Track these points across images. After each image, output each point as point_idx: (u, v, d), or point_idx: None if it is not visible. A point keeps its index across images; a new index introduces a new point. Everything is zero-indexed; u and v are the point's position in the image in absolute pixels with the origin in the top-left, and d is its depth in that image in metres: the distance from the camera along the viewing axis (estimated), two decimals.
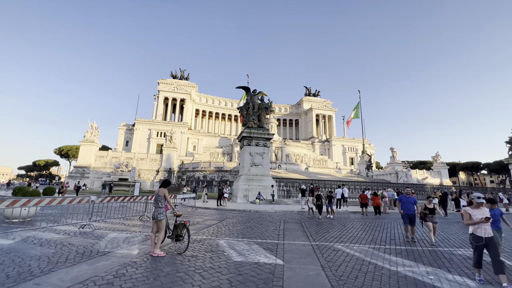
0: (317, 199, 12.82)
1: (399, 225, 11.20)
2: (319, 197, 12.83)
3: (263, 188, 22.23)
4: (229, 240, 6.88)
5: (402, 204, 8.25)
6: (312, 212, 13.36)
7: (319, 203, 12.66)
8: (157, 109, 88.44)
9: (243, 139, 24.31)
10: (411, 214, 8.00)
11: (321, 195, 12.90)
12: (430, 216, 7.61)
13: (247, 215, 13.32)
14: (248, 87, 26.52)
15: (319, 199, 12.76)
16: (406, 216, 8.03)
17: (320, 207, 12.64)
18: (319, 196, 12.85)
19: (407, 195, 8.37)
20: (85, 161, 55.58)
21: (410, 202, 8.15)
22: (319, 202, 12.67)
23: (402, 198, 8.41)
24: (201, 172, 53.24)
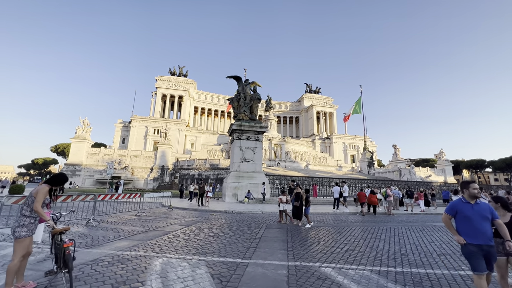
0: (296, 199, 10.00)
1: (408, 230, 9.12)
2: (298, 196, 9.97)
3: (254, 186, 20.22)
4: (171, 258, 4.85)
5: (462, 222, 3.42)
6: (285, 217, 10.36)
7: (296, 204, 9.87)
8: (154, 106, 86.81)
9: (233, 132, 22.28)
10: (487, 246, 3.19)
11: (300, 194, 9.98)
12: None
13: (226, 218, 11.31)
14: (239, 76, 24.39)
15: (298, 199, 9.92)
16: (476, 251, 3.19)
17: (299, 210, 9.86)
18: (298, 196, 9.98)
19: (473, 199, 3.42)
20: (77, 158, 53.87)
21: (481, 216, 3.29)
22: (297, 203, 9.85)
23: (459, 206, 3.49)
24: (196, 169, 51.39)
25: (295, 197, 10.10)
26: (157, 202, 15.96)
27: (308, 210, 10.05)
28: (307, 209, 10.04)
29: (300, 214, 9.81)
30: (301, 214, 9.81)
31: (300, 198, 9.98)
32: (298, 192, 10.14)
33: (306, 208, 10.02)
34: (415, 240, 7.43)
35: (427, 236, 8.14)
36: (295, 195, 10.11)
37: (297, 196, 10.08)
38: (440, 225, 11.05)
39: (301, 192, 10.12)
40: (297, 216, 9.86)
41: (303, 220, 9.98)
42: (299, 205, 9.86)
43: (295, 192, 10.17)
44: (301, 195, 10.00)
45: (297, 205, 9.89)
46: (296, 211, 9.94)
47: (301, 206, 9.88)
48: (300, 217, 9.81)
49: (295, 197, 10.10)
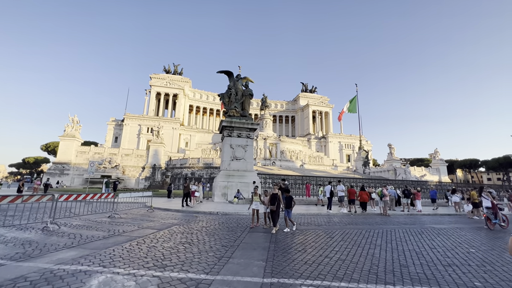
0: (271, 201, 8.22)
1: (406, 234, 8.29)
2: (274, 198, 8.18)
3: (245, 185, 19.27)
4: (117, 275, 3.88)
5: None
6: (257, 220, 9.12)
7: (272, 207, 8.13)
8: (148, 104, 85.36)
9: (224, 129, 21.29)
10: None
11: (277, 196, 8.24)
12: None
13: (209, 220, 10.35)
14: (230, 71, 23.36)
15: (275, 201, 8.15)
16: None
17: (275, 215, 8.15)
18: (275, 198, 8.18)
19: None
20: (65, 157, 52.23)
21: None
22: (273, 207, 8.12)
23: None
24: (189, 168, 50.25)
25: (271, 199, 8.26)
26: (141, 202, 14.89)
27: (291, 214, 8.48)
28: (289, 212, 8.39)
29: (275, 219, 8.14)
30: (276, 218, 8.15)
31: (277, 200, 8.19)
32: (274, 193, 8.32)
33: (288, 212, 8.39)
34: (415, 246, 6.58)
35: (428, 241, 7.31)
36: (271, 197, 8.29)
37: (273, 198, 8.23)
38: (440, 227, 10.28)
39: (278, 193, 8.32)
40: (273, 221, 8.20)
41: (284, 224, 8.62)
42: (276, 209, 8.15)
43: (271, 193, 8.42)
44: (278, 197, 8.22)
45: (272, 209, 8.15)
46: (271, 215, 8.30)
47: (278, 210, 8.23)
48: (275, 223, 8.13)
49: (271, 199, 8.26)
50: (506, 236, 8.63)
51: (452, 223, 11.75)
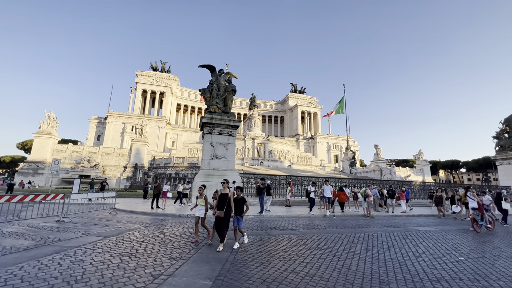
0: (219, 205, 6.07)
1: (389, 238, 7.50)
2: (223, 201, 6.07)
3: None
4: None
5: None
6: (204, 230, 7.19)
7: (220, 214, 6.00)
8: (134, 102, 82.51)
9: (204, 126, 20.07)
10: None
11: (228, 198, 6.11)
12: None
13: (174, 224, 9.21)
14: (213, 66, 22.16)
15: (224, 205, 6.02)
16: None
17: (222, 224, 5.95)
18: (224, 200, 6.07)
19: None
20: (40, 155, 49.09)
21: None
22: (220, 213, 6.00)
23: None
24: (174, 168, 48.54)
25: (218, 202, 6.11)
26: (109, 204, 13.44)
27: (242, 222, 6.35)
28: (240, 220, 6.25)
29: (222, 231, 5.93)
30: (223, 230, 5.94)
31: (226, 204, 6.03)
32: (223, 194, 6.20)
33: (238, 220, 6.23)
34: (398, 254, 5.75)
35: (413, 247, 6.52)
36: (218, 200, 6.14)
37: (221, 201, 6.06)
38: (425, 229, 9.63)
39: (229, 193, 6.18)
40: (220, 232, 5.96)
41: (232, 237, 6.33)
42: (224, 216, 5.96)
43: (220, 193, 6.29)
44: (228, 199, 6.07)
45: (220, 215, 5.98)
46: (216, 225, 6.08)
47: (228, 217, 6.01)
48: (222, 235, 5.92)
49: (218, 202, 6.11)
50: (494, 240, 8.03)
51: (437, 224, 11.18)
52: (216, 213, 6.12)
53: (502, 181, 32.93)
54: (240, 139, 58.90)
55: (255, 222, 10.06)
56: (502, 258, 5.75)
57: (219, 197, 6.25)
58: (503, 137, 33.26)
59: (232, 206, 6.11)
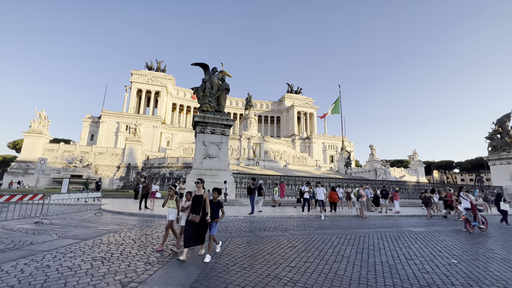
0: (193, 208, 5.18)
1: (381, 240, 7.27)
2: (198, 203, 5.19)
3: (218, 185, 17.73)
4: None
5: None
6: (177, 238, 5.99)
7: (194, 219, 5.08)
8: (128, 101, 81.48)
9: (196, 125, 19.71)
10: None
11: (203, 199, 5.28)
12: None
13: (160, 225, 8.86)
14: (206, 64, 21.85)
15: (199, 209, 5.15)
16: None
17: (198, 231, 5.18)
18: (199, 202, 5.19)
19: None
20: (30, 155, 47.99)
21: None
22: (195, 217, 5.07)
23: None
24: (168, 168, 48.00)
25: (192, 204, 5.19)
26: (97, 204, 12.98)
27: (216, 228, 5.38)
28: (214, 226, 5.33)
29: (198, 237, 5.16)
30: (199, 238, 5.17)
31: (202, 206, 5.15)
32: (198, 195, 5.29)
33: (212, 227, 5.32)
34: (389, 257, 5.51)
35: (404, 249, 6.30)
36: (192, 201, 5.23)
37: (195, 202, 5.17)
38: (417, 230, 9.44)
39: (205, 194, 5.31)
40: (193, 239, 5.10)
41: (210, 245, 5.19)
42: (200, 221, 5.06)
43: (195, 195, 5.36)
44: (203, 201, 5.20)
45: (194, 220, 5.02)
46: (190, 231, 5.09)
47: (203, 222, 5.14)
48: (199, 242, 5.22)
49: (192, 204, 5.19)
50: (487, 241, 7.87)
51: (430, 225, 11.02)
52: (190, 217, 5.09)
53: (494, 181, 33.23)
54: (235, 139, 58.56)
55: (245, 223, 9.75)
56: (495, 260, 5.55)
57: (193, 199, 5.26)
58: (495, 137, 33.56)
59: (208, 209, 5.23)
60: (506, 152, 31.82)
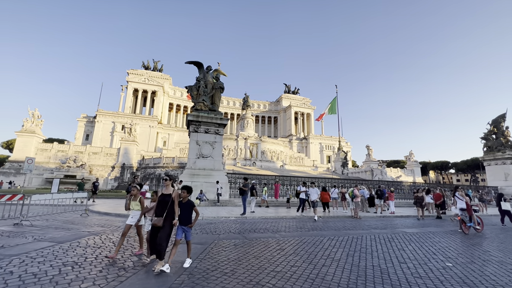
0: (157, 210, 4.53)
1: (374, 242, 7.00)
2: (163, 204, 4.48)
3: (211, 185, 17.48)
4: None
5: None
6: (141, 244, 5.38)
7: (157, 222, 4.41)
8: (124, 101, 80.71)
9: (190, 124, 19.38)
10: None
11: (171, 200, 4.50)
12: None
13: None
14: (200, 62, 21.53)
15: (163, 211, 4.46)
16: None
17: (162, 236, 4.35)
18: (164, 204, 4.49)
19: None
20: (23, 154, 47.11)
21: None
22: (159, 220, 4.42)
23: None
24: (163, 168, 47.50)
25: (158, 205, 4.50)
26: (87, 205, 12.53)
27: (190, 234, 4.58)
28: (188, 232, 4.53)
29: (161, 245, 4.25)
30: (162, 245, 4.26)
31: (168, 208, 4.42)
32: (166, 194, 4.52)
33: (185, 232, 4.51)
34: (381, 260, 5.25)
35: (397, 252, 6.04)
36: (158, 201, 4.51)
37: (161, 203, 4.46)
38: (412, 231, 9.21)
39: (173, 193, 4.50)
40: (154, 247, 4.47)
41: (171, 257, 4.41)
42: (164, 225, 4.36)
43: (161, 193, 4.57)
44: (171, 202, 4.44)
45: (156, 224, 4.37)
46: (152, 236, 4.53)
47: (168, 227, 4.38)
48: (159, 251, 4.25)
49: (158, 205, 4.50)
50: (483, 242, 7.65)
51: (425, 226, 10.81)
52: (153, 221, 4.42)
53: (489, 181, 33.32)
54: (232, 139, 58.25)
55: (235, 225, 9.44)
56: (491, 263, 5.32)
57: (158, 199, 4.48)
58: (490, 138, 33.66)
59: (175, 211, 4.40)
60: (501, 152, 31.91)
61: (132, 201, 5.22)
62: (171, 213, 4.45)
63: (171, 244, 4.86)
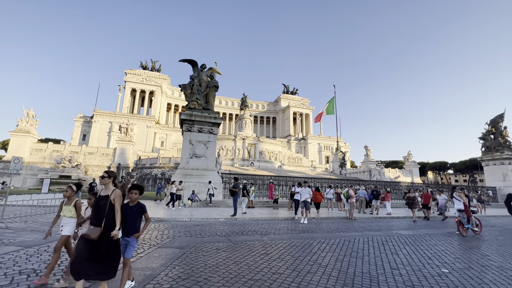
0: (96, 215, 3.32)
1: (367, 245, 6.61)
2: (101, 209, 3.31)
3: (204, 186, 17.06)
4: None
5: None
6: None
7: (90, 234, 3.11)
8: (122, 101, 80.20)
9: (183, 123, 18.97)
10: None
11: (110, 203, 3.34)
12: None
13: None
14: (194, 60, 21.12)
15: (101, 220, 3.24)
16: None
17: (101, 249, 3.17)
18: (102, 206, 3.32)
19: None
20: (17, 154, 46.49)
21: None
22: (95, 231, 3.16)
23: None
24: (160, 168, 47.08)
25: (94, 210, 3.39)
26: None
27: (133, 249, 3.56)
28: (129, 247, 3.51)
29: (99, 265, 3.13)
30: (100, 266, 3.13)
31: (107, 213, 3.28)
32: (104, 196, 3.43)
33: (127, 246, 3.50)
34: (372, 266, 4.86)
35: (390, 256, 5.65)
36: (94, 205, 3.43)
37: (98, 207, 3.34)
38: (408, 233, 8.83)
39: (112, 196, 3.38)
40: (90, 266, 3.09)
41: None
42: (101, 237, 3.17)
43: (99, 195, 3.51)
44: (110, 205, 3.33)
45: (88, 236, 3.11)
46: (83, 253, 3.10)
47: (108, 242, 3.21)
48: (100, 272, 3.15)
49: (94, 210, 3.39)
50: (482, 245, 7.28)
51: (421, 228, 10.43)
52: (85, 232, 3.18)
53: (488, 182, 33.03)
54: (230, 140, 57.87)
55: (223, 227, 9.03)
56: (491, 269, 4.94)
57: (94, 202, 3.44)
58: (489, 138, 33.37)
59: (117, 218, 3.28)
60: (499, 152, 31.62)
61: (65, 205, 3.99)
62: (111, 220, 3.28)
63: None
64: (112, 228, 3.23)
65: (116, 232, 3.20)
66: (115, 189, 3.52)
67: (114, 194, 3.41)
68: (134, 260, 4.70)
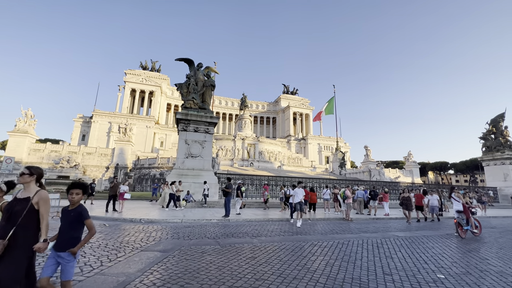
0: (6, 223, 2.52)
1: (361, 248, 6.32)
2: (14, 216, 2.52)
3: (199, 186, 16.80)
4: None
5: None
6: None
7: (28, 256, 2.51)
8: (121, 101, 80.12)
9: (179, 122, 18.74)
10: None
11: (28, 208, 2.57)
12: None
13: (114, 231, 7.83)
14: (191, 59, 20.88)
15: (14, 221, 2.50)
16: None
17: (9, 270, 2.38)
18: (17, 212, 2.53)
19: None
20: (15, 155, 46.25)
21: None
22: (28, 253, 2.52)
23: None
24: (158, 169, 46.96)
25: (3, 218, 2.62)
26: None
27: (72, 270, 2.64)
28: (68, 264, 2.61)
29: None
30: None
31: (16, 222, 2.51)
32: (22, 199, 2.65)
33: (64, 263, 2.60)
34: (364, 271, 4.59)
35: (384, 260, 5.38)
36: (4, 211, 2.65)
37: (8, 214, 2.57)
38: (404, 235, 8.55)
39: (35, 200, 2.62)
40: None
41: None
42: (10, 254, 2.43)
43: (14, 198, 2.71)
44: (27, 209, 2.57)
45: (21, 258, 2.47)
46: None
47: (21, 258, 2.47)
48: None
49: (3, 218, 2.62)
50: (481, 248, 6.99)
51: (418, 229, 10.15)
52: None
53: (488, 182, 32.67)
54: (230, 140, 57.65)
55: (215, 228, 8.77)
56: (490, 274, 4.66)
57: (6, 207, 2.64)
58: (489, 138, 33.02)
59: (42, 227, 2.62)
60: (500, 152, 31.28)
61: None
62: (27, 230, 2.54)
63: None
64: (26, 242, 2.46)
65: (41, 245, 2.46)
66: (40, 189, 2.73)
67: (38, 196, 2.65)
68: (112, 265, 4.45)
